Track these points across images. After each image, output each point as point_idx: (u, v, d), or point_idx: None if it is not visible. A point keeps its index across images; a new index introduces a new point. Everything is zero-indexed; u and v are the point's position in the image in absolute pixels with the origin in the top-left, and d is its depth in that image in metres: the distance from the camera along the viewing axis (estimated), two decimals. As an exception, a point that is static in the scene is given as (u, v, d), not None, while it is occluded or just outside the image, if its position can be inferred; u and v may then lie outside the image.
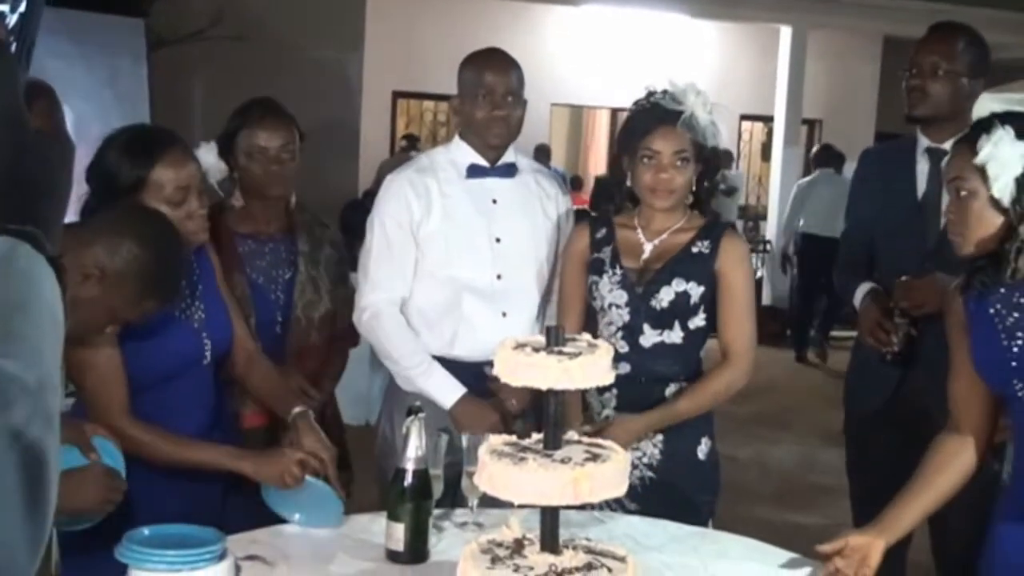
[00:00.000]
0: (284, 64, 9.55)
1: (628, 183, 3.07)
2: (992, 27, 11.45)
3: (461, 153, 3.27)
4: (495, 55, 3.30)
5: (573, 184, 14.24)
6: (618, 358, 2.97)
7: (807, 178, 11.11)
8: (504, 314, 3.20)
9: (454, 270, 3.18)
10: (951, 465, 2.48)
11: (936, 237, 3.33)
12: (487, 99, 3.17)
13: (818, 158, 11.03)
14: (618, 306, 3.02)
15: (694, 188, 3.05)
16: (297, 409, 2.74)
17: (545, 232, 3.31)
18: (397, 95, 13.20)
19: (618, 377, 2.95)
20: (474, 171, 3.24)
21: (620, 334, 3.02)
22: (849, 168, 11.34)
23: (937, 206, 3.33)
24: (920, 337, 3.29)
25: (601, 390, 2.98)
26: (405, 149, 11.83)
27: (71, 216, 2.54)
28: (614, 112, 14.39)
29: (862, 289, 3.44)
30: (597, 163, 15.23)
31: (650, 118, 2.98)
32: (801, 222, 10.70)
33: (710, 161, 3.05)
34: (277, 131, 3.31)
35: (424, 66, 11.98)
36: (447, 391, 3.13)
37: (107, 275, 2.37)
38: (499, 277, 3.21)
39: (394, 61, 12.02)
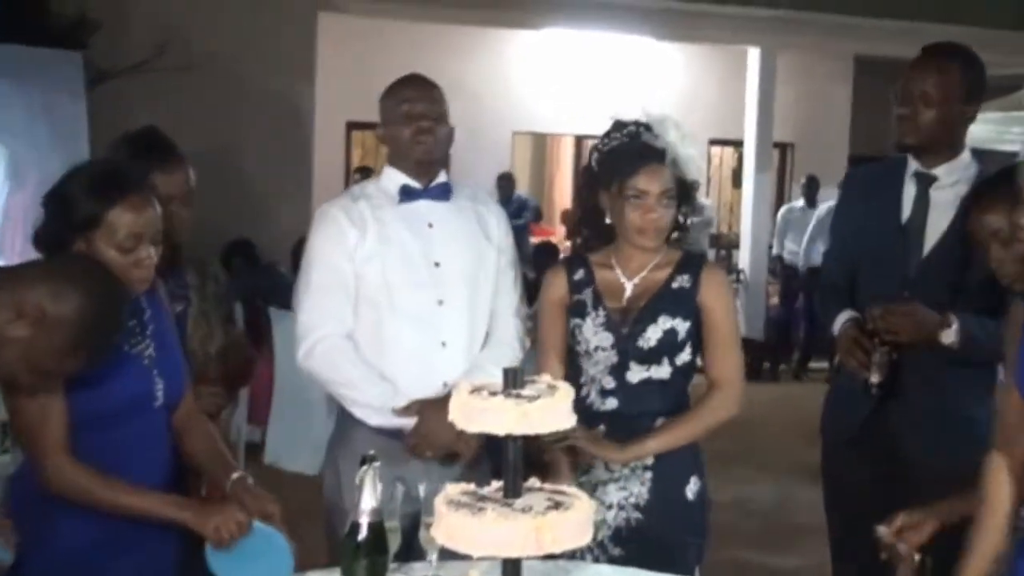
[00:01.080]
0: (233, 95, 9.53)
1: (607, 220, 3.10)
2: (969, 46, 11.66)
3: (391, 179, 3.32)
4: (413, 76, 3.37)
5: (538, 215, 14.28)
6: (605, 394, 3.06)
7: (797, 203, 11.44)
8: (444, 344, 3.22)
9: (393, 296, 3.20)
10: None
11: (918, 264, 3.33)
12: (409, 116, 3.22)
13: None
14: (603, 348, 3.06)
15: None
16: (235, 475, 2.71)
17: (486, 256, 3.34)
18: (352, 126, 13.19)
19: (605, 413, 3.04)
20: (407, 194, 3.28)
21: (606, 372, 3.06)
22: (823, 194, 11.57)
23: (921, 232, 3.35)
24: (896, 367, 3.29)
25: (588, 425, 2.99)
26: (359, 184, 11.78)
27: (22, 238, 2.54)
28: (579, 139, 14.45)
29: (842, 317, 3.44)
30: (562, 192, 15.29)
31: (635, 156, 3.01)
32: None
33: (686, 195, 3.10)
34: (174, 175, 3.24)
35: (380, 95, 11.96)
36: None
37: (45, 319, 2.36)
38: (440, 303, 3.23)
39: (348, 90, 12.00)
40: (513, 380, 2.15)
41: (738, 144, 13.45)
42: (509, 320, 3.39)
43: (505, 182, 12.72)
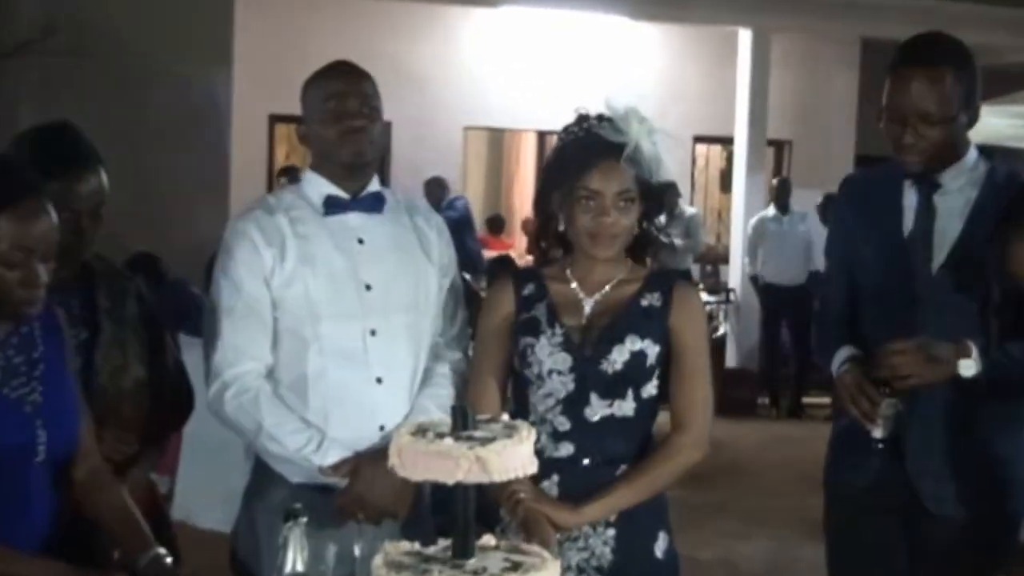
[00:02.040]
0: (134, 83, 9.48)
1: (560, 227, 3.10)
2: (987, 27, 11.78)
3: (315, 186, 3.30)
4: (341, 65, 3.35)
5: (493, 225, 14.28)
6: (558, 437, 3.03)
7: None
8: (379, 380, 3.21)
9: (318, 326, 3.18)
10: None
11: (926, 283, 3.34)
12: (336, 114, 3.20)
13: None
14: (560, 372, 3.05)
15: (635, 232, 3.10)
16: (151, 553, 2.68)
17: (426, 277, 3.34)
18: (275, 119, 13.17)
19: (559, 461, 3.02)
20: (332, 205, 3.26)
21: (560, 408, 3.04)
22: (808, 199, 11.67)
23: (927, 245, 3.36)
24: (908, 412, 3.28)
25: (538, 478, 2.96)
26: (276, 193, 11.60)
27: None
28: (542, 135, 14.50)
29: (841, 355, 3.44)
30: (523, 198, 15.26)
31: (587, 152, 3.02)
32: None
33: (652, 200, 3.10)
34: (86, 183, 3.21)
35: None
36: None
37: None
38: (373, 333, 3.21)
39: (271, 77, 11.97)
40: (463, 420, 2.14)
41: (727, 142, 13.55)
42: (452, 353, 3.38)
43: (434, 187, 12.60)
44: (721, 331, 12.45)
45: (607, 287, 3.10)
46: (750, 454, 9.58)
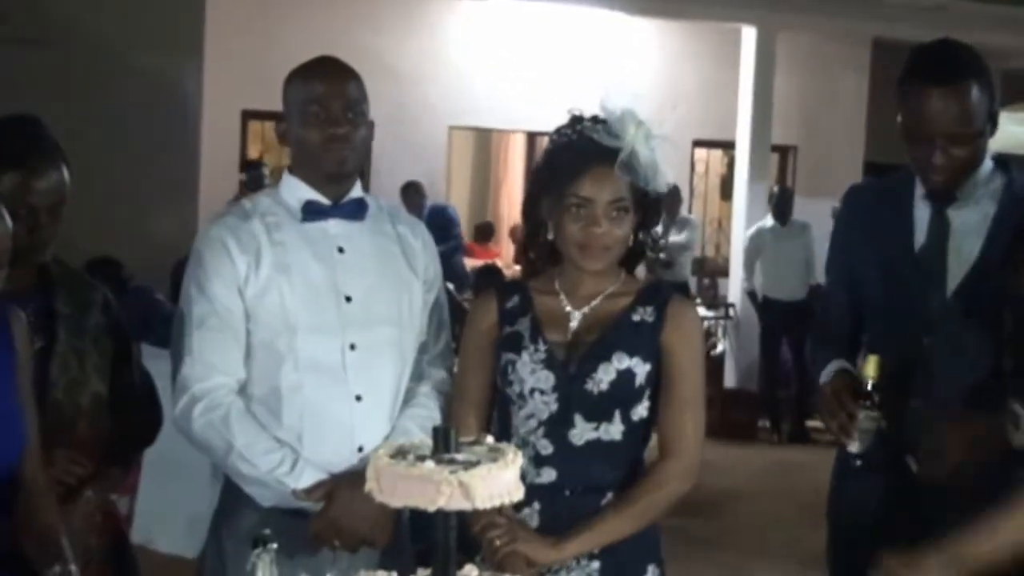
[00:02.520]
0: (94, 73, 9.45)
1: (549, 236, 3.10)
2: (1003, 28, 11.79)
3: (293, 191, 3.30)
4: (326, 62, 3.34)
5: (481, 233, 14.29)
6: (540, 462, 3.02)
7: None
8: (359, 397, 3.21)
9: (294, 340, 3.18)
10: None
11: (940, 308, 3.32)
12: (320, 118, 3.20)
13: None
14: (542, 391, 3.03)
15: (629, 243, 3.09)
16: (55, 569, 2.63)
17: (410, 289, 3.34)
18: (248, 115, 13.16)
19: (540, 488, 3.00)
20: (311, 211, 3.27)
21: (542, 430, 3.03)
22: (814, 208, 11.69)
23: (940, 263, 3.34)
24: (907, 433, 3.27)
25: (518, 505, 2.92)
26: (248, 186, 11.35)
27: None
28: (531, 136, 14.53)
29: (831, 367, 3.43)
30: (511, 203, 15.26)
31: (579, 156, 3.01)
32: None
33: (649, 210, 3.09)
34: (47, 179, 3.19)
35: (283, 78, 11.91)
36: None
37: None
38: (352, 347, 3.21)
39: (245, 70, 11.97)
40: (445, 442, 2.14)
41: (729, 146, 13.57)
42: (435, 372, 3.38)
43: (411, 193, 12.56)
44: (720, 348, 12.46)
45: (596, 300, 3.08)
46: (749, 481, 9.58)
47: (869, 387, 3.23)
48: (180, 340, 3.22)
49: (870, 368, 3.22)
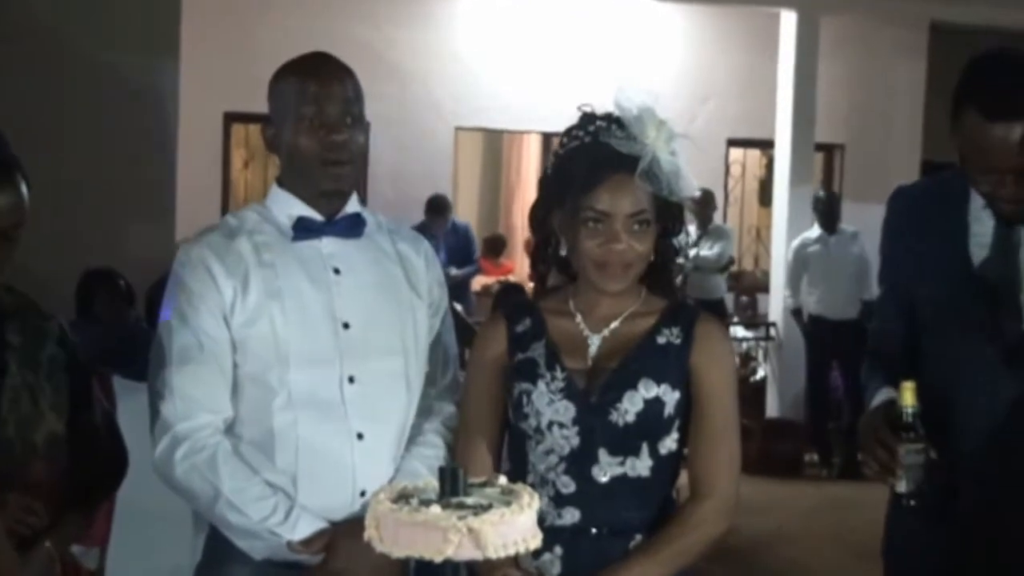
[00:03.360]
0: (59, 72, 9.44)
1: (562, 251, 3.11)
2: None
3: (282, 205, 3.30)
4: (319, 57, 3.34)
5: (491, 246, 14.28)
6: (562, 502, 3.03)
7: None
8: (360, 436, 3.20)
9: (286, 372, 3.18)
10: None
11: (1016, 331, 3.29)
12: (316, 120, 3.19)
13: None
14: (563, 425, 3.04)
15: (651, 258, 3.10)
16: None
17: (413, 314, 3.34)
18: (231, 118, 13.20)
19: (562, 531, 3.01)
20: (303, 228, 3.27)
21: (563, 467, 3.04)
22: (864, 214, 11.66)
23: (1011, 282, 3.30)
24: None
25: (538, 551, 2.91)
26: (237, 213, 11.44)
27: None
28: (547, 138, 14.53)
29: (879, 398, 3.42)
30: (525, 212, 15.17)
31: (594, 164, 3.01)
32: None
33: (672, 219, 3.10)
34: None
35: (269, 77, 11.91)
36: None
37: None
38: (351, 380, 3.21)
39: (227, 69, 12.00)
40: (453, 483, 2.13)
41: (767, 145, 13.56)
42: (443, 406, 3.38)
43: (436, 208, 12.51)
44: (760, 374, 12.45)
45: (616, 322, 3.10)
46: (794, 522, 9.55)
47: (909, 418, 3.18)
48: (159, 375, 3.21)
49: (906, 396, 3.18)
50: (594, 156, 3.01)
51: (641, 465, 3.03)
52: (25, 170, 3.24)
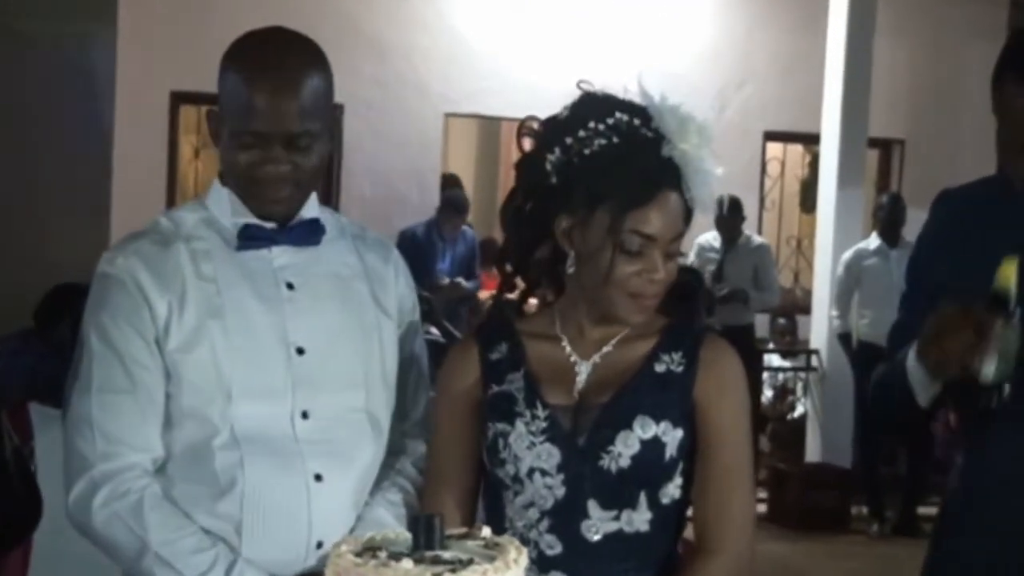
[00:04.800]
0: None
1: (569, 269, 3.08)
2: None
3: (225, 207, 3.30)
4: (273, 42, 3.24)
5: (485, 252, 14.27)
6: (545, 565, 3.03)
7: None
8: (318, 477, 3.20)
9: (229, 407, 3.17)
10: None
11: None
12: (256, 145, 3.15)
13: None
14: (546, 472, 3.04)
15: None
16: None
17: (379, 334, 3.35)
18: (179, 98, 13.23)
19: (547, 599, 3.02)
20: (250, 236, 3.25)
21: (547, 523, 3.04)
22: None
23: None
24: None
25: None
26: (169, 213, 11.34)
27: None
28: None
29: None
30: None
31: (645, 176, 2.97)
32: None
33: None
34: None
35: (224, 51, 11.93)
36: None
37: None
38: (304, 416, 3.21)
39: (175, 42, 12.05)
40: (428, 534, 2.15)
41: (812, 140, 13.57)
42: (413, 444, 3.40)
43: (455, 210, 12.54)
44: (800, 411, 12.45)
45: (608, 346, 3.10)
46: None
47: (1007, 295, 3.16)
48: (77, 406, 3.19)
49: (1007, 273, 3.16)
50: (639, 164, 2.97)
51: (639, 519, 3.03)
52: None
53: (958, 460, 3.58)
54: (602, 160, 3.00)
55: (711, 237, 12.09)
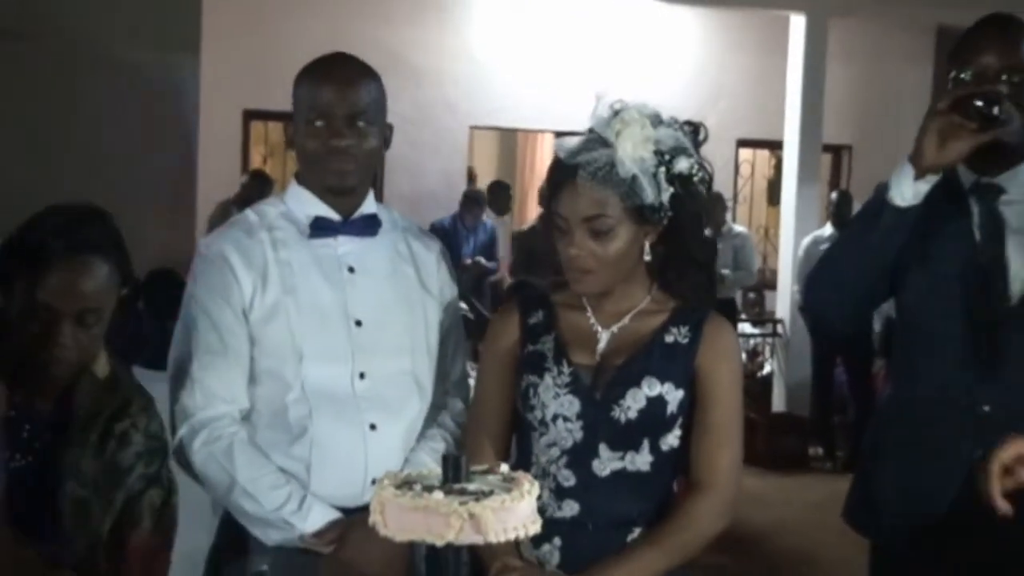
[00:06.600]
0: (80, 70, 9.40)
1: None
2: None
3: (300, 203, 3.33)
4: (338, 61, 3.32)
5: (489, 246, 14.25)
6: (562, 494, 3.01)
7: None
8: (373, 426, 3.24)
9: (300, 368, 3.21)
10: None
11: (1006, 321, 3.27)
12: (323, 126, 3.21)
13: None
14: (567, 419, 3.02)
15: (648, 257, 3.04)
16: None
17: (424, 310, 3.38)
18: (250, 115, 13.19)
19: (562, 522, 2.99)
20: (320, 227, 3.29)
21: (565, 460, 3.02)
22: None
23: (999, 264, 3.29)
24: None
25: (538, 541, 2.96)
26: (241, 198, 11.13)
27: None
28: (560, 137, 14.46)
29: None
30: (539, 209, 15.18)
31: (559, 169, 3.00)
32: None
33: (667, 220, 3.00)
34: None
35: (290, 74, 11.86)
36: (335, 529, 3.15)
37: None
38: (362, 376, 3.24)
39: (246, 67, 12.01)
40: (455, 470, 2.15)
41: (776, 146, 13.52)
42: (452, 402, 3.42)
43: (475, 202, 12.52)
44: (767, 369, 12.40)
45: (626, 318, 3.08)
46: (799, 515, 9.52)
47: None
48: (181, 366, 3.24)
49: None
50: (560, 164, 2.99)
51: (641, 460, 3.01)
52: (119, 253, 3.21)
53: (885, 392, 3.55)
54: (554, 162, 3.04)
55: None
